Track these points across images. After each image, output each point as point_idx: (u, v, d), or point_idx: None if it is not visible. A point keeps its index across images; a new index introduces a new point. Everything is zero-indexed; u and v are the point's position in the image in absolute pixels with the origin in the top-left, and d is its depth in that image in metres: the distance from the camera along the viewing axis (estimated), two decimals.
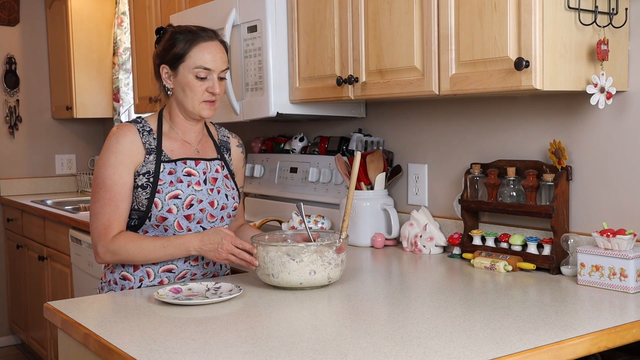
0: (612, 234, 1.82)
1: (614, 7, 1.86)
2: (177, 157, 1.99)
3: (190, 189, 1.97)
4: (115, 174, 1.92)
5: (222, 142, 2.14)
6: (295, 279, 1.84)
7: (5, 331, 5.01)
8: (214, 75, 1.96)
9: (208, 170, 2.03)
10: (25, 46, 5.06)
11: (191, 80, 1.95)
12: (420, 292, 1.89)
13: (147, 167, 1.95)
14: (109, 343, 1.45)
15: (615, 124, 1.98)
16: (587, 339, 1.44)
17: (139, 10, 3.89)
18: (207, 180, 2.01)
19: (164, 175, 1.95)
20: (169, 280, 2.00)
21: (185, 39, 1.96)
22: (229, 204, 2.05)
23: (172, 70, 1.98)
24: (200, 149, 2.06)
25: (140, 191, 1.94)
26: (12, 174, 5.02)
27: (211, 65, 1.95)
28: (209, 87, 1.96)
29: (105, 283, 2.05)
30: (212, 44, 1.97)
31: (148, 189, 1.94)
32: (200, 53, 1.95)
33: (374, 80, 2.22)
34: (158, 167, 1.95)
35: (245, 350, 1.38)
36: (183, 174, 1.97)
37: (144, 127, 1.99)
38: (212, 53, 1.96)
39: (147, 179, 1.94)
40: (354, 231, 2.53)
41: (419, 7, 2.04)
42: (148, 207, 1.94)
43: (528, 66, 1.73)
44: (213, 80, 1.96)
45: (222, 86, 1.99)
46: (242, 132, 3.64)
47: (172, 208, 1.94)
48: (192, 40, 1.96)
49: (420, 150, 2.59)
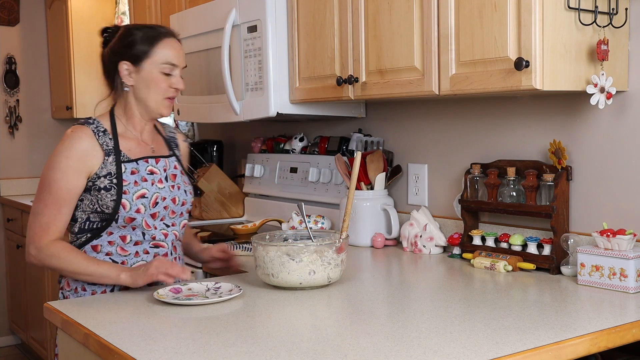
0: (612, 234, 1.82)
1: (614, 7, 1.86)
2: (136, 156, 1.97)
3: (155, 187, 1.96)
4: (62, 179, 1.88)
5: (170, 138, 2.13)
6: (295, 279, 1.84)
7: (5, 331, 5.01)
8: (177, 72, 1.98)
9: (168, 168, 2.02)
10: (25, 46, 5.06)
11: (157, 75, 1.95)
12: (420, 292, 1.89)
13: (108, 168, 1.91)
14: (109, 343, 1.45)
15: (615, 124, 1.98)
16: (587, 339, 1.44)
17: (139, 10, 3.90)
18: (168, 178, 2.01)
19: (127, 176, 1.92)
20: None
21: (147, 35, 1.96)
22: (188, 199, 2.05)
23: (134, 66, 1.95)
24: (155, 147, 2.04)
25: (104, 193, 1.90)
26: (12, 174, 5.02)
27: (176, 61, 1.97)
28: (172, 83, 1.97)
29: (70, 291, 1.97)
30: (174, 40, 2.00)
31: (112, 190, 1.90)
32: (166, 49, 1.96)
33: (374, 80, 2.22)
34: (119, 167, 1.92)
35: (245, 350, 1.38)
36: (146, 172, 1.96)
37: (98, 127, 1.95)
38: (176, 49, 1.98)
39: (110, 180, 1.91)
40: (354, 231, 2.53)
41: (419, 7, 2.04)
42: (115, 208, 1.90)
43: (528, 66, 1.73)
44: (177, 77, 1.98)
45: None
46: (242, 132, 3.65)
47: (140, 208, 1.92)
48: (156, 36, 1.96)
49: (420, 150, 2.59)
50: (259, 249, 1.88)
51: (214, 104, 2.91)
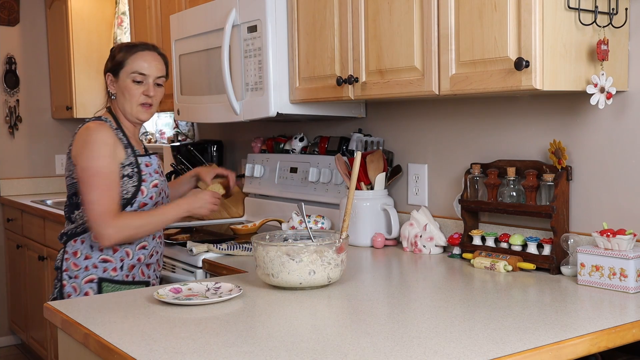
0: (612, 234, 1.82)
1: (614, 7, 1.86)
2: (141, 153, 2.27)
3: (162, 180, 2.27)
4: (110, 165, 2.12)
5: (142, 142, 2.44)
6: (295, 279, 1.84)
7: (5, 331, 5.01)
8: (150, 80, 2.23)
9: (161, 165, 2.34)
10: (25, 46, 5.06)
11: (129, 84, 2.22)
12: (420, 292, 1.89)
13: (130, 158, 2.19)
14: (109, 343, 1.45)
15: (615, 124, 1.98)
16: (587, 339, 1.44)
17: (139, 10, 3.89)
18: (163, 173, 2.32)
19: (143, 167, 2.21)
20: (144, 257, 2.25)
21: (125, 50, 2.24)
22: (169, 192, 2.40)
23: (114, 76, 2.25)
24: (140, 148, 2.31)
25: (127, 180, 2.17)
26: (12, 174, 5.02)
27: (146, 71, 2.22)
28: (144, 91, 2.22)
29: (79, 271, 2.20)
30: (148, 53, 2.25)
31: (135, 177, 2.18)
32: (137, 60, 2.22)
33: (374, 80, 2.22)
34: (136, 159, 2.21)
35: (245, 350, 1.38)
36: (157, 166, 2.27)
37: (111, 125, 2.22)
38: (147, 61, 2.23)
39: (132, 169, 2.18)
40: (354, 231, 2.53)
41: (419, 7, 2.04)
42: (134, 193, 2.17)
43: (528, 66, 1.73)
44: (148, 85, 2.23)
45: (158, 92, 2.26)
46: (242, 132, 3.64)
47: (153, 195, 2.22)
48: (131, 50, 2.24)
49: (420, 150, 2.59)
50: (259, 249, 1.88)
51: (214, 104, 2.90)
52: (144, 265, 2.26)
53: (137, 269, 2.24)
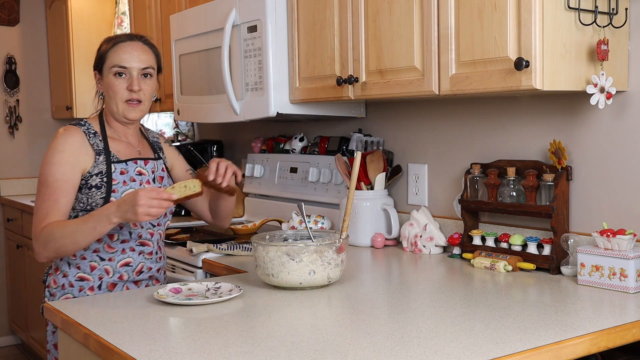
0: (612, 234, 1.82)
1: (614, 7, 1.86)
2: (124, 157, 2.04)
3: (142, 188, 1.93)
4: (58, 171, 1.93)
5: (154, 142, 2.20)
6: (295, 279, 1.84)
7: (5, 331, 5.01)
8: (133, 73, 2.00)
9: (156, 170, 2.10)
10: (25, 46, 5.06)
11: (111, 79, 2.00)
12: (420, 292, 1.89)
13: (99, 167, 1.97)
14: (109, 343, 1.45)
15: (615, 124, 1.98)
16: (587, 339, 1.44)
17: (139, 10, 3.89)
18: (156, 179, 2.09)
19: (116, 175, 1.99)
20: (128, 275, 2.04)
21: (107, 42, 2.04)
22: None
23: (99, 74, 2.05)
24: (141, 150, 2.12)
25: (95, 191, 1.96)
26: (12, 174, 5.02)
27: (127, 63, 1.99)
28: (128, 85, 2.00)
29: (57, 288, 2.03)
30: (130, 44, 2.02)
31: (103, 188, 1.96)
32: (117, 53, 2.00)
33: (374, 80, 2.22)
34: (109, 167, 1.98)
35: (245, 350, 1.38)
36: (135, 173, 2.03)
37: (89, 129, 2.03)
38: (128, 52, 2.00)
39: (101, 179, 1.97)
40: (354, 231, 2.53)
41: (419, 7, 2.04)
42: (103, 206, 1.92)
43: (528, 66, 1.73)
44: (132, 78, 1.99)
45: (146, 86, 2.02)
46: (242, 132, 3.65)
47: None
48: (114, 43, 2.03)
49: (420, 150, 2.59)
50: (259, 249, 1.88)
51: (214, 104, 2.90)
52: (131, 283, 2.05)
53: (120, 288, 2.03)
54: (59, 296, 2.03)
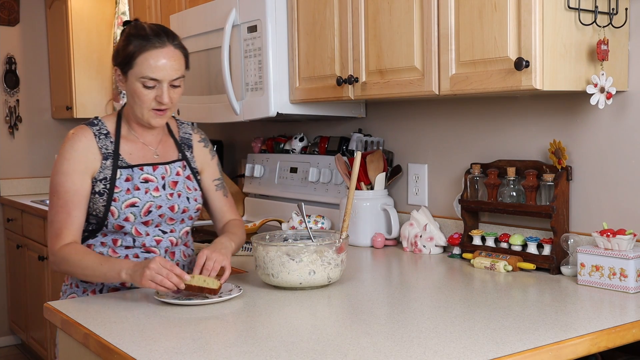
0: (612, 234, 1.82)
1: (614, 7, 1.86)
2: (135, 161, 1.94)
3: (148, 196, 1.91)
4: (67, 181, 1.87)
5: (183, 139, 2.06)
6: (295, 279, 1.84)
7: (5, 331, 5.01)
8: (164, 85, 1.86)
9: (167, 174, 1.97)
10: (25, 46, 5.06)
11: (139, 88, 1.86)
12: (420, 292, 1.89)
13: (104, 173, 1.90)
14: (109, 343, 1.45)
15: (615, 124, 1.98)
16: (587, 339, 1.44)
17: (139, 10, 3.89)
18: (167, 185, 1.95)
19: (120, 182, 1.90)
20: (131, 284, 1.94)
21: (135, 44, 1.85)
22: (191, 206, 1.99)
23: (122, 74, 1.90)
24: (160, 151, 2.00)
25: (98, 197, 1.89)
26: (12, 174, 5.02)
27: (158, 76, 1.85)
28: (157, 97, 1.87)
29: (67, 286, 2.03)
30: (161, 51, 1.85)
31: (105, 196, 1.89)
32: (147, 62, 1.84)
33: (374, 80, 2.22)
34: (115, 173, 1.90)
35: (245, 350, 1.38)
36: (140, 181, 1.92)
37: (100, 129, 1.93)
38: (160, 62, 1.85)
39: (104, 185, 1.89)
40: (354, 231, 2.53)
41: (419, 7, 2.04)
42: (105, 214, 1.89)
43: (528, 66, 1.73)
44: (162, 90, 1.86)
45: (175, 94, 1.89)
46: (242, 132, 3.65)
47: (129, 216, 1.89)
48: (142, 46, 1.85)
49: (420, 150, 2.59)
50: (259, 249, 1.88)
51: (214, 104, 2.91)
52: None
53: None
54: (67, 294, 2.01)
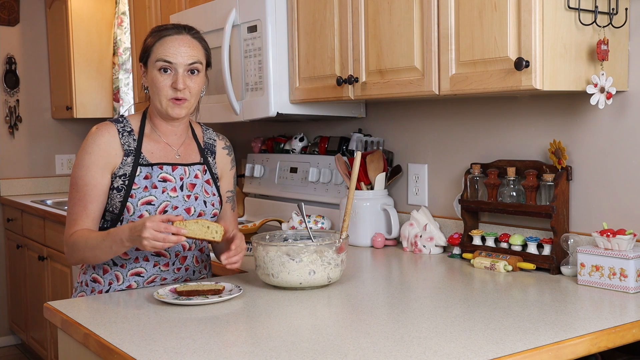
0: (612, 234, 1.82)
1: (614, 7, 1.86)
2: (156, 160, 1.95)
3: (165, 195, 1.92)
4: (87, 175, 1.89)
5: (207, 144, 2.07)
6: (295, 279, 1.84)
7: (5, 331, 5.01)
8: (179, 70, 1.89)
9: (186, 176, 1.97)
10: (25, 46, 5.06)
11: (155, 75, 1.90)
12: (420, 292, 1.89)
13: (124, 169, 1.91)
14: (109, 343, 1.45)
15: (615, 124, 1.98)
16: (587, 339, 1.44)
17: (139, 10, 3.89)
18: (185, 187, 1.96)
19: (139, 180, 1.91)
20: (138, 285, 1.96)
21: (154, 35, 1.92)
22: (207, 210, 1.99)
23: (144, 67, 1.95)
24: (182, 152, 2.00)
25: (115, 193, 1.91)
26: (12, 174, 5.02)
27: (172, 59, 1.88)
28: (172, 83, 1.89)
29: (78, 284, 2.04)
30: (177, 37, 1.90)
31: (122, 192, 1.90)
32: (162, 46, 1.89)
33: (374, 80, 2.22)
34: (135, 169, 1.91)
35: (245, 350, 1.38)
36: (158, 179, 1.92)
37: (124, 127, 1.95)
38: (174, 46, 1.89)
39: (123, 181, 1.90)
40: (354, 231, 2.53)
41: (419, 7, 2.04)
42: (120, 210, 1.90)
43: (528, 66, 1.73)
44: (177, 75, 1.88)
45: (192, 83, 1.90)
46: (242, 132, 3.64)
47: (144, 214, 1.89)
48: (159, 35, 1.91)
49: (420, 150, 2.59)
50: (259, 249, 1.88)
51: (214, 104, 2.91)
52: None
53: None
54: (77, 292, 2.02)
